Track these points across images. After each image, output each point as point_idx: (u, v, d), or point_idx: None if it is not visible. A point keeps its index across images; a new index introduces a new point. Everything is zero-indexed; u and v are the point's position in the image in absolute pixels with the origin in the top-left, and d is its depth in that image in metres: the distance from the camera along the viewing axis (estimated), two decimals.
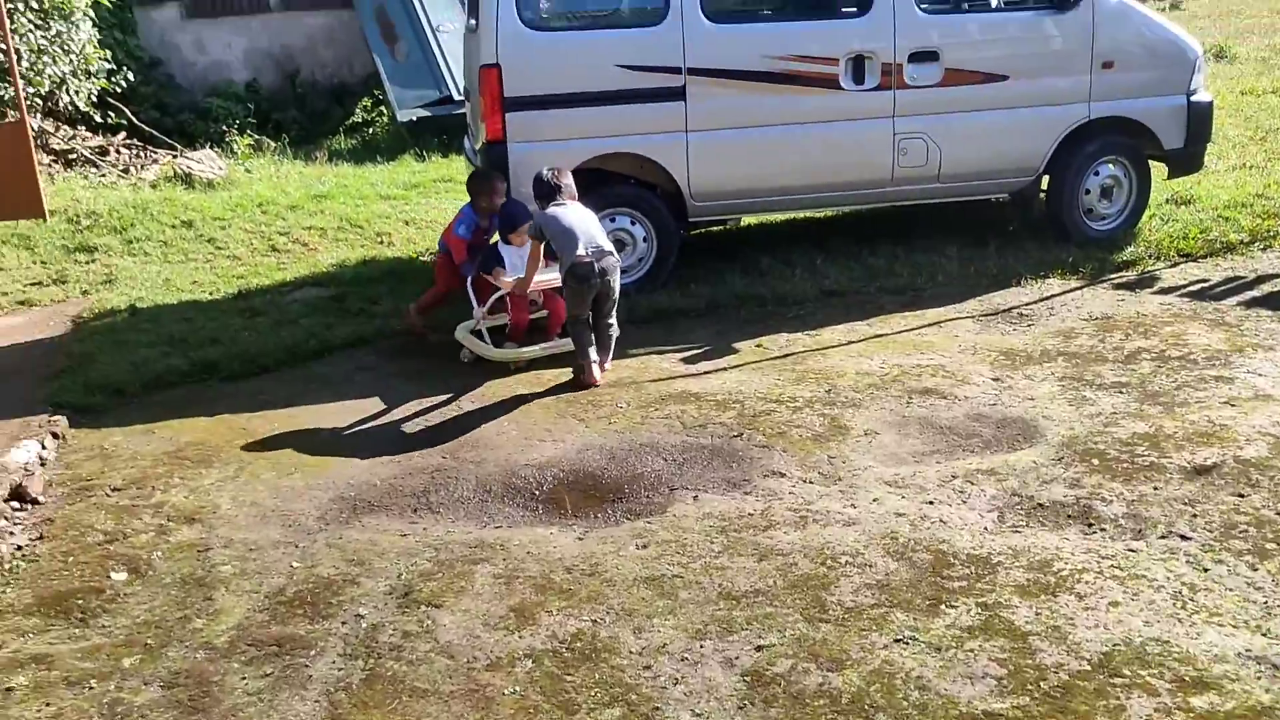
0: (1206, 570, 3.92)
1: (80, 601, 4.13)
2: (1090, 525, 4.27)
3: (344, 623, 3.91)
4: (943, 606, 3.79)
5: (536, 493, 4.82)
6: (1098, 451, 4.85)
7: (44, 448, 5.40)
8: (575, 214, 6.05)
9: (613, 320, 6.11)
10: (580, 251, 5.87)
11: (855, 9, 7.27)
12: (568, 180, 6.22)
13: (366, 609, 3.98)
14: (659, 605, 3.90)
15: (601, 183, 7.04)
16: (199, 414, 5.86)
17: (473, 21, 7.34)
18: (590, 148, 6.98)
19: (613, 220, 7.06)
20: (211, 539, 4.55)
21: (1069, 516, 4.35)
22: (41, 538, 4.64)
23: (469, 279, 6.51)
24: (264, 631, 3.88)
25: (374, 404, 5.89)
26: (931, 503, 4.51)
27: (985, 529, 4.29)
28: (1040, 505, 4.45)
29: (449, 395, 5.95)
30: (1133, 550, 4.08)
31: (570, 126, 6.95)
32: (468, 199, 6.87)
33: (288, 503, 4.84)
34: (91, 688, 3.63)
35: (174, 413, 5.89)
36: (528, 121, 6.87)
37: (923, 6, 7.23)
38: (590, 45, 7.10)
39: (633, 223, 7.22)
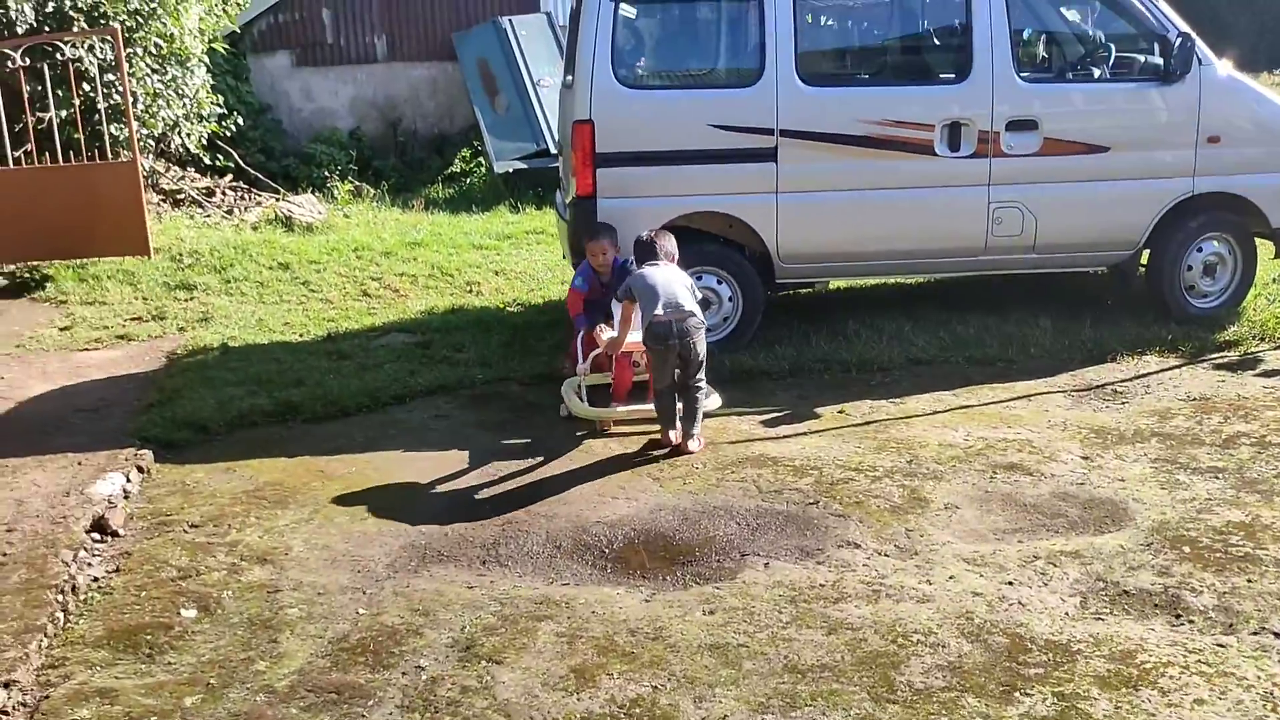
0: None
1: (149, 637, 4.17)
2: (1178, 616, 4.08)
3: (404, 673, 3.89)
4: (1017, 694, 3.64)
5: (606, 551, 4.77)
6: (1189, 539, 4.66)
7: (128, 481, 5.52)
8: (662, 274, 5.94)
9: (700, 386, 5.88)
10: (658, 311, 5.76)
11: (953, 75, 7.21)
12: (665, 242, 6.16)
13: (427, 661, 3.96)
14: (722, 674, 3.81)
15: (689, 241, 7.02)
16: (279, 454, 5.94)
17: (569, 77, 7.43)
18: (679, 205, 6.99)
19: (699, 278, 7.00)
20: (281, 580, 4.58)
21: (1156, 606, 4.16)
22: (118, 570, 4.72)
23: (580, 334, 6.47)
24: (325, 678, 3.87)
25: (450, 452, 5.91)
26: (1011, 583, 4.36)
27: (1066, 614, 4.13)
28: (1126, 592, 4.27)
29: (526, 447, 5.94)
30: (1222, 645, 3.88)
31: (660, 184, 6.98)
32: (558, 251, 6.89)
33: (359, 548, 4.86)
34: None
35: (255, 452, 5.97)
36: (618, 177, 6.91)
37: (1023, 75, 7.14)
38: (683, 104, 7.12)
39: (719, 281, 7.20)
